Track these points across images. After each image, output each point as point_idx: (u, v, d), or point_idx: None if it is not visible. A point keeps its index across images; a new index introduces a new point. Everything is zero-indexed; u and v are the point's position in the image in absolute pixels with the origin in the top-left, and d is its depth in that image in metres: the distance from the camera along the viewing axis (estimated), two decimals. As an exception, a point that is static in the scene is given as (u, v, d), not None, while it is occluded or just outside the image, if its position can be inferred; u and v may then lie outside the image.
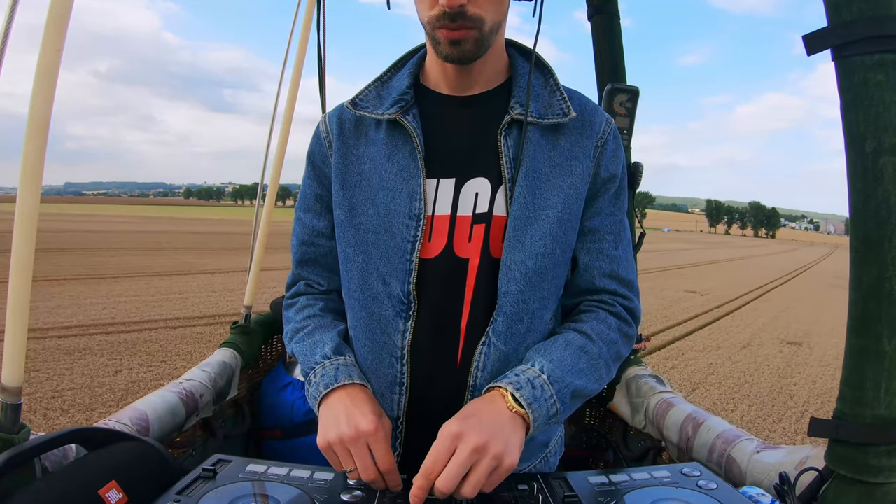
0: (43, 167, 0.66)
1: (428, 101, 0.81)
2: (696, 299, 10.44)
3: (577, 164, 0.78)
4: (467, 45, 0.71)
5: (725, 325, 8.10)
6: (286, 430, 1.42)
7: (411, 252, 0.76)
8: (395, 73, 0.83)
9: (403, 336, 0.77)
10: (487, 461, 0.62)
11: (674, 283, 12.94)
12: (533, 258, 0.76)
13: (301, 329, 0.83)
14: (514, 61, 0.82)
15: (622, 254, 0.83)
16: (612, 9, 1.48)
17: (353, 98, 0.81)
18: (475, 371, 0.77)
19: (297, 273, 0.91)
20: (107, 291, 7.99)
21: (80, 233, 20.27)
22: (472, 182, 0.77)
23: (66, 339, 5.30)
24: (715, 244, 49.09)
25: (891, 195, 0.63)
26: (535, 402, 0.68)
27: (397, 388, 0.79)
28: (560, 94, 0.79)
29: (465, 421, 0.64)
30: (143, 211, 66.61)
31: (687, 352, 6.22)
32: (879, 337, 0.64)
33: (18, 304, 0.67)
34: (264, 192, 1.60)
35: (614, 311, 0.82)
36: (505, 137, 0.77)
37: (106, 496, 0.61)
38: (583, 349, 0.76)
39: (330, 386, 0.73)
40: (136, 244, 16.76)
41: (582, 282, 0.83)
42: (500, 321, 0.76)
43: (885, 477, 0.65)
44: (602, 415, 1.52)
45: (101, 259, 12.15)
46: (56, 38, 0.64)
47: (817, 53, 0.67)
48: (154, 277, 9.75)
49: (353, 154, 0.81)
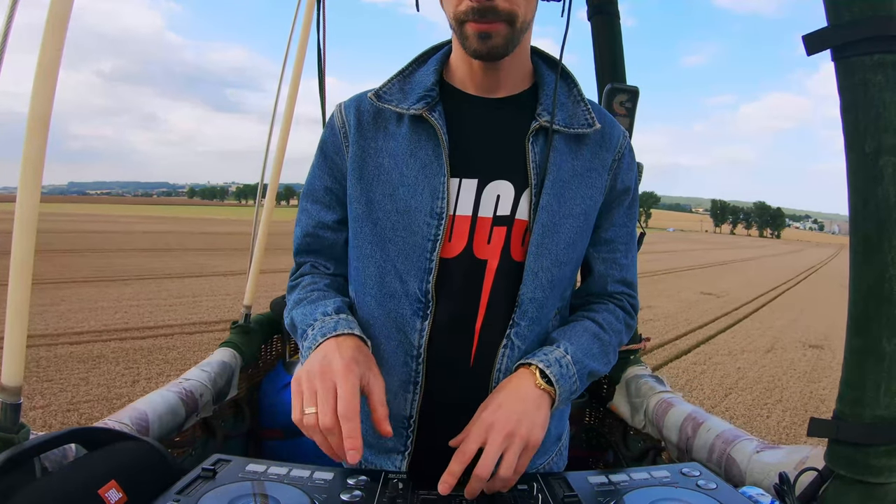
0: (43, 167, 0.66)
1: (453, 100, 0.80)
2: (714, 301, 10.33)
3: (596, 176, 0.80)
4: (497, 40, 0.71)
5: (746, 329, 8.00)
6: (286, 430, 1.42)
7: (432, 251, 0.76)
8: (418, 68, 0.82)
9: (420, 335, 0.77)
10: (517, 444, 0.67)
11: (688, 285, 12.81)
12: (557, 266, 0.78)
13: (303, 299, 0.81)
14: (539, 69, 0.83)
15: (630, 261, 0.89)
16: (612, 9, 1.48)
17: (377, 90, 0.79)
18: (497, 374, 0.78)
19: (299, 262, 0.89)
20: (118, 294, 7.72)
21: (86, 233, 19.86)
22: (494, 184, 0.77)
23: (79, 346, 5.08)
24: (721, 245, 48.43)
25: (890, 195, 0.63)
26: (562, 379, 0.74)
27: (411, 386, 0.79)
28: (584, 105, 0.80)
29: (495, 411, 0.69)
30: (147, 211, 65.19)
31: (713, 356, 6.13)
32: (879, 337, 0.65)
33: (18, 304, 0.67)
34: (264, 192, 1.60)
35: (621, 305, 0.88)
36: (532, 143, 0.77)
37: (106, 496, 0.61)
38: (596, 336, 0.81)
39: (327, 335, 0.71)
40: (144, 245, 16.39)
41: (595, 287, 0.88)
42: (524, 325, 0.78)
43: (885, 477, 0.65)
44: (602, 415, 1.52)
45: (109, 260, 11.85)
46: (56, 38, 0.64)
47: (817, 53, 0.67)
48: (165, 279, 9.49)
49: (372, 147, 0.79)
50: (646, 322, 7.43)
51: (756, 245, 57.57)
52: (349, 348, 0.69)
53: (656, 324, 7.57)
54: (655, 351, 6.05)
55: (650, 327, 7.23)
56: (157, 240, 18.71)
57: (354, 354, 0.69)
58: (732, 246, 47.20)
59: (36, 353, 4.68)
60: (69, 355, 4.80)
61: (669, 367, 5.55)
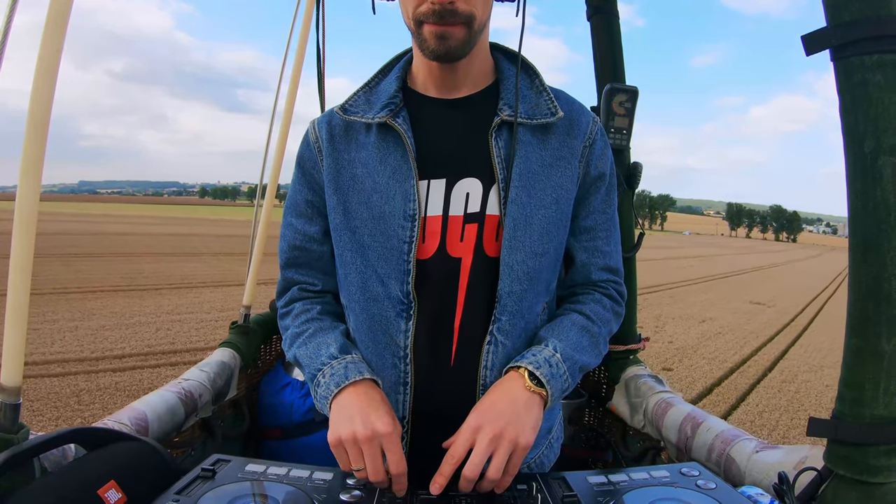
0: (42, 166, 0.66)
1: (416, 104, 0.82)
2: (767, 312, 9.97)
3: (566, 164, 0.80)
4: (454, 42, 0.72)
5: (812, 341, 7.58)
6: (285, 430, 1.42)
7: (408, 253, 0.77)
8: (383, 78, 0.84)
9: (405, 336, 0.78)
10: (505, 446, 0.68)
11: (733, 293, 12.43)
12: (532, 258, 0.78)
13: (301, 333, 0.83)
14: (500, 63, 0.84)
15: (613, 248, 0.88)
16: (611, 9, 1.48)
17: (342, 104, 0.82)
18: (484, 370, 0.78)
19: (287, 277, 0.90)
20: (154, 307, 7.02)
21: (105, 235, 18.71)
22: (462, 182, 0.78)
23: (124, 374, 4.36)
24: (745, 249, 46.97)
25: (889, 196, 0.63)
26: (553, 379, 0.74)
27: (402, 387, 0.79)
28: (547, 95, 0.80)
29: (484, 414, 0.70)
30: (161, 211, 63.10)
31: (798, 373, 5.80)
32: (878, 337, 0.65)
33: (18, 304, 0.66)
34: (264, 193, 1.60)
35: (608, 294, 0.88)
36: (496, 139, 0.78)
37: (105, 496, 0.61)
38: (585, 329, 0.81)
39: (341, 384, 0.73)
40: (169, 248, 15.25)
41: (579, 277, 0.88)
42: (505, 320, 0.78)
43: (884, 477, 0.65)
44: (601, 415, 1.52)
45: (136, 266, 11.04)
46: (56, 37, 0.64)
47: (816, 54, 0.67)
48: (202, 289, 8.70)
49: (345, 159, 0.81)
50: (715, 336, 7.28)
51: (776, 249, 56.11)
52: (379, 402, 0.72)
53: (726, 338, 7.28)
54: (742, 368, 5.76)
55: (721, 342, 6.97)
56: (182, 243, 17.61)
57: (388, 409, 0.72)
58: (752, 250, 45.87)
59: (75, 384, 4.05)
60: (114, 386, 4.07)
61: (763, 386, 5.19)
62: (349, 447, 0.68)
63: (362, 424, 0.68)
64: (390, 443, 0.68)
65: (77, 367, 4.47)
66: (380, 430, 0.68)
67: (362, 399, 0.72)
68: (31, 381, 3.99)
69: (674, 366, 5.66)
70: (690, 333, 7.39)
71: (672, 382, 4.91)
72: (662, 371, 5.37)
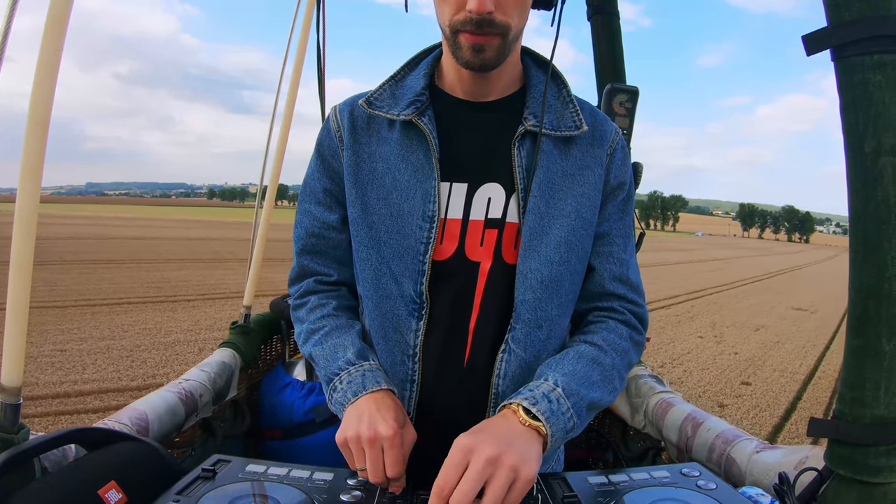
0: (42, 167, 0.66)
1: (443, 104, 0.81)
2: (812, 319, 9.72)
3: (588, 174, 0.80)
4: (490, 53, 0.71)
5: None
6: (285, 431, 1.42)
7: (424, 253, 0.77)
8: (409, 73, 0.83)
9: (416, 335, 0.78)
10: (504, 473, 0.58)
11: (773, 299, 12.16)
12: (548, 266, 0.77)
13: (316, 330, 0.82)
14: (529, 70, 0.83)
15: (630, 258, 0.85)
16: (611, 9, 1.48)
17: (368, 97, 0.80)
18: (497, 379, 0.78)
19: (303, 264, 0.87)
20: (190, 321, 6.34)
21: (122, 240, 17.49)
22: (485, 187, 0.78)
23: None
24: (764, 251, 45.81)
25: (890, 195, 0.63)
26: (553, 416, 0.66)
27: (408, 385, 0.80)
28: (573, 106, 0.80)
29: (477, 434, 0.62)
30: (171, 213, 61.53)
31: None
32: (879, 337, 0.65)
33: (18, 304, 0.66)
34: (264, 193, 1.60)
35: (624, 320, 0.82)
36: (518, 147, 0.77)
37: (105, 496, 0.61)
38: (595, 361, 0.75)
39: (359, 393, 0.74)
40: (192, 254, 14.25)
41: (592, 285, 0.84)
42: (519, 328, 0.77)
43: (885, 477, 0.65)
44: (601, 415, 1.52)
45: (161, 273, 10.20)
46: (56, 38, 0.64)
47: (817, 53, 0.67)
48: (237, 299, 7.44)
49: (365, 152, 0.80)
50: (775, 345, 7.16)
51: (791, 251, 54.99)
52: (389, 408, 0.72)
53: (786, 347, 7.13)
54: (814, 380, 5.56)
55: (783, 351, 6.85)
56: (202, 247, 16.43)
57: (396, 415, 0.71)
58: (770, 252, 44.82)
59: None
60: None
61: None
62: (353, 447, 0.69)
63: (367, 426, 0.69)
64: (390, 445, 0.67)
65: (118, 399, 3.83)
66: (382, 433, 0.68)
67: (373, 405, 0.72)
68: (67, 418, 3.46)
69: (750, 379, 5.52)
70: (750, 343, 7.25)
71: (755, 397, 4.84)
72: (742, 385, 5.24)
